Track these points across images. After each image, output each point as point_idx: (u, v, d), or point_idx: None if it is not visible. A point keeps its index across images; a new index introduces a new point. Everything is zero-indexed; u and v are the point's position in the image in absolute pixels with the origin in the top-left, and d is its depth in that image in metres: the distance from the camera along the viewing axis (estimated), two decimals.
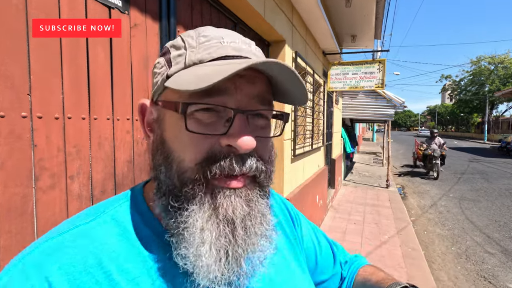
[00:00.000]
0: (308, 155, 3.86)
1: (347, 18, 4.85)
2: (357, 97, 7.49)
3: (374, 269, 0.64)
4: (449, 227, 4.87)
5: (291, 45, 2.91)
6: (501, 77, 31.43)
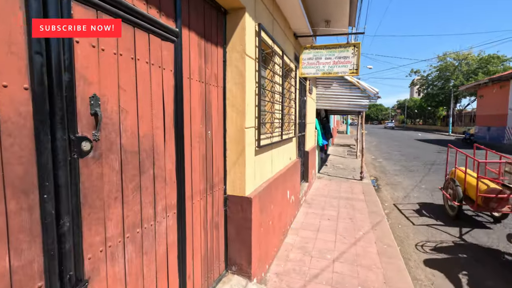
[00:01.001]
0: (277, 146, 3.46)
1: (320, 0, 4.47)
2: (331, 87, 7.22)
3: None
4: (422, 220, 4.73)
5: (254, 16, 2.46)
6: (464, 72, 33.10)
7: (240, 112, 2.35)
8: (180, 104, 1.71)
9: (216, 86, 2.24)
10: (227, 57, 2.34)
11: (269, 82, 3.12)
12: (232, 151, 2.39)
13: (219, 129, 2.29)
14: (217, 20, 2.19)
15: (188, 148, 1.84)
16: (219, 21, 2.22)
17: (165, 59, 1.57)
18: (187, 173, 1.83)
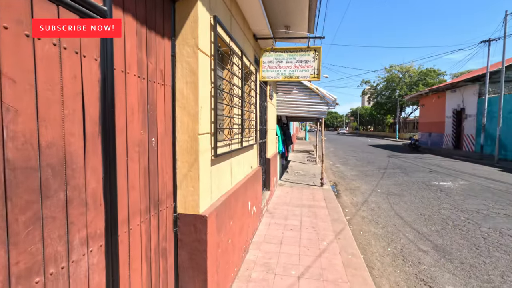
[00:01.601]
0: (237, 154, 3.17)
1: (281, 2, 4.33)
2: (291, 93, 7.17)
3: None
4: (382, 224, 4.78)
5: (208, 7, 2.16)
6: (407, 84, 36.38)
7: (192, 116, 2.01)
8: (110, 104, 1.33)
9: (163, 84, 1.88)
10: (177, 51, 2.00)
11: (228, 84, 2.83)
12: (183, 161, 2.04)
13: (166, 135, 1.93)
14: (163, 7, 1.84)
15: (122, 161, 1.46)
16: (166, 9, 1.88)
17: (85, 43, 1.19)
18: (121, 192, 1.44)
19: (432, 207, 5.65)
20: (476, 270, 3.24)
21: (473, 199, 6.22)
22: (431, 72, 34.70)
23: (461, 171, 10.08)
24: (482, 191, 6.91)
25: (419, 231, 4.42)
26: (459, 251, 3.71)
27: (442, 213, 5.25)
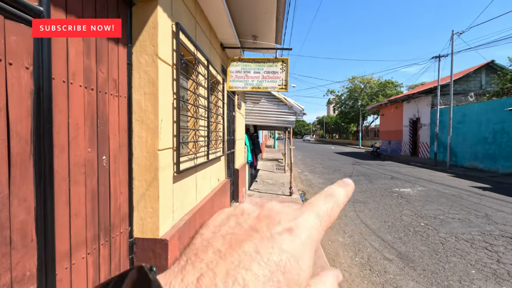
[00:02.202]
0: (203, 168, 3.01)
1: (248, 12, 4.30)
2: (260, 102, 7.16)
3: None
4: (349, 233, 4.85)
5: (170, 13, 2.02)
6: (368, 94, 38.58)
7: (151, 130, 1.84)
8: (47, 119, 1.13)
9: (117, 95, 1.69)
10: (134, 60, 1.82)
11: (192, 95, 2.69)
12: (140, 180, 1.84)
13: (121, 153, 1.73)
14: (117, 10, 1.67)
15: (63, 185, 1.25)
16: (120, 12, 1.71)
17: (11, 48, 0.99)
18: (60, 222, 1.23)
19: (395, 214, 5.88)
20: (437, 276, 3.36)
21: (431, 204, 6.60)
22: (390, 83, 37.19)
23: (419, 177, 10.75)
24: (438, 197, 7.38)
25: (383, 239, 4.54)
26: (421, 257, 3.85)
27: (404, 220, 5.48)
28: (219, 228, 0.22)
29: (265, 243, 0.19)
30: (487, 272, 3.42)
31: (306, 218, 0.22)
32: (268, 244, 0.19)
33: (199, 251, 0.20)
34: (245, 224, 0.22)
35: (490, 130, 12.55)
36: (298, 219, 0.22)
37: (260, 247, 0.19)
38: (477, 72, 18.22)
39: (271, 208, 0.23)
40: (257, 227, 0.21)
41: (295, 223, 0.21)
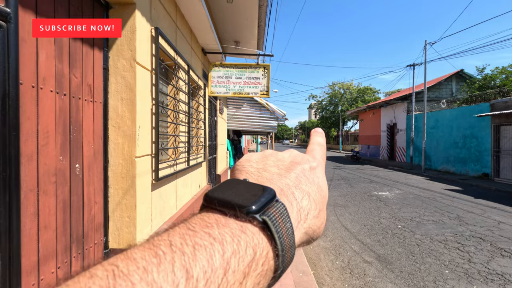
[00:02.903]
0: (184, 174, 2.95)
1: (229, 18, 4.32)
2: (242, 107, 7.17)
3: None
4: (330, 237, 4.91)
5: (149, 17, 1.99)
6: (348, 100, 39.68)
7: (129, 136, 1.79)
8: (13, 126, 1.07)
9: (92, 101, 1.63)
10: (111, 64, 1.77)
11: (173, 100, 2.64)
12: (116, 188, 1.78)
13: (96, 160, 1.66)
14: (92, 13, 1.62)
15: (31, 196, 1.18)
16: (96, 15, 1.66)
17: None
18: (27, 235, 1.16)
19: (374, 217, 6.03)
20: (414, 277, 3.47)
21: (407, 207, 6.83)
22: (368, 90, 38.47)
23: (396, 181, 11.12)
24: (414, 200, 7.66)
25: (363, 242, 4.64)
26: (399, 259, 3.96)
27: (382, 223, 5.63)
28: (264, 162, 0.30)
29: (307, 172, 0.30)
30: (459, 272, 3.57)
31: (318, 159, 0.33)
32: (310, 173, 0.30)
33: (263, 171, 0.29)
34: (285, 161, 0.31)
35: (461, 135, 13.24)
36: (316, 161, 0.32)
37: (305, 173, 0.30)
38: (448, 80, 19.24)
39: (295, 153, 0.33)
40: (296, 162, 0.31)
41: (316, 163, 0.32)
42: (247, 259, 0.19)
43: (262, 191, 0.23)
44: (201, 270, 0.17)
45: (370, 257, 4.08)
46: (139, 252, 0.17)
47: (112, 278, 0.15)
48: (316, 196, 0.28)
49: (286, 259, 0.22)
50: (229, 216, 0.21)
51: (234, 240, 0.19)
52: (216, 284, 0.17)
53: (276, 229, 0.22)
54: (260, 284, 0.20)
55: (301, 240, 0.26)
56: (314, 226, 0.27)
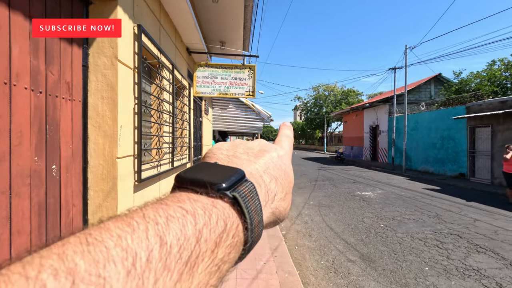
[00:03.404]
0: (167, 176, 2.89)
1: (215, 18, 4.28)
2: (228, 108, 7.14)
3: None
4: (315, 237, 4.96)
5: (132, 14, 1.94)
6: (332, 102, 40.40)
7: (110, 137, 1.73)
8: None
9: (70, 99, 1.56)
10: (91, 61, 1.71)
11: (156, 100, 2.59)
12: (96, 190, 1.72)
13: (74, 161, 1.60)
14: (71, 8, 1.55)
15: (2, 199, 1.11)
16: (75, 10, 1.59)
17: None
18: None
19: (357, 217, 6.15)
20: (396, 275, 3.55)
21: (389, 206, 7.01)
22: (352, 92, 39.31)
23: (378, 181, 11.39)
24: (396, 199, 7.87)
25: (347, 241, 4.71)
26: (381, 258, 4.05)
27: (365, 222, 5.75)
28: (234, 150, 0.32)
29: (275, 159, 0.32)
30: (438, 268, 3.69)
31: (285, 148, 0.36)
32: (278, 160, 0.32)
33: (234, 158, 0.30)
34: (255, 149, 0.33)
35: (439, 137, 13.75)
36: (283, 150, 0.35)
37: (273, 160, 0.32)
38: (427, 84, 19.97)
39: (263, 142, 0.35)
40: (264, 150, 0.33)
41: (283, 152, 0.35)
42: (218, 230, 0.20)
43: (232, 171, 0.25)
44: (174, 237, 0.18)
45: (354, 256, 4.14)
46: (113, 223, 0.17)
47: (86, 244, 0.15)
48: (283, 181, 0.31)
49: (255, 233, 0.24)
50: (200, 193, 0.22)
51: (205, 213, 0.20)
52: (189, 250, 0.18)
53: (246, 205, 0.23)
54: (231, 254, 0.21)
55: (269, 219, 0.28)
56: (280, 207, 0.30)
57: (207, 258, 0.19)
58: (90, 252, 0.15)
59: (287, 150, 0.36)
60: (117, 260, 0.15)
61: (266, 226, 0.29)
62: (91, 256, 0.15)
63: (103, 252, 0.15)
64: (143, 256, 0.16)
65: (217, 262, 0.20)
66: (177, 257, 0.17)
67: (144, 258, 0.16)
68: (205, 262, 0.19)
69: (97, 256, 0.15)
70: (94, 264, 0.14)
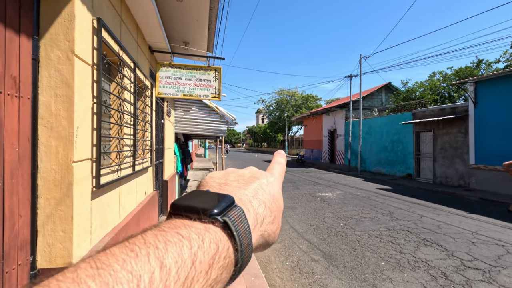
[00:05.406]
0: (129, 180, 2.72)
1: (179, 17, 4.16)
2: (191, 110, 6.96)
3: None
4: (280, 239, 5.03)
5: (90, 6, 1.79)
6: (293, 106, 41.69)
7: (64, 138, 1.57)
8: None
9: (17, 96, 1.39)
10: (42, 55, 1.54)
11: (117, 99, 2.42)
12: (48, 198, 1.54)
13: (21, 166, 1.41)
14: (21, 5, 1.39)
15: None
16: (26, 8, 1.42)
17: None
18: None
19: (319, 217, 6.38)
20: (356, 271, 3.74)
21: (348, 206, 7.40)
22: (311, 97, 40.99)
23: (337, 182, 11.98)
24: (353, 199, 8.34)
25: (310, 241, 4.86)
26: (342, 256, 4.25)
27: (326, 222, 5.99)
28: (226, 178, 0.34)
29: (264, 185, 0.34)
30: (393, 262, 3.98)
31: (276, 175, 0.38)
32: (267, 186, 0.34)
33: (225, 185, 0.32)
34: (245, 176, 0.35)
35: (389, 140, 14.92)
36: (273, 177, 0.37)
37: (262, 186, 0.33)
38: (379, 91, 21.60)
39: (254, 170, 0.37)
40: (255, 177, 0.35)
41: (273, 178, 0.37)
42: (211, 252, 0.22)
43: (222, 197, 0.27)
44: (172, 260, 0.20)
45: (317, 256, 4.29)
46: (117, 248, 0.19)
47: (96, 268, 0.17)
48: (272, 205, 0.33)
49: (245, 254, 0.26)
50: (194, 219, 0.24)
51: (199, 237, 0.22)
52: (186, 272, 0.20)
53: (235, 228, 0.25)
54: (223, 275, 0.23)
55: (258, 242, 0.30)
56: (269, 230, 0.32)
57: (202, 278, 0.21)
58: (101, 275, 0.17)
59: (277, 177, 0.38)
60: (124, 282, 0.17)
61: (257, 249, 0.31)
62: (102, 278, 0.16)
63: (111, 275, 0.17)
64: (146, 278, 0.18)
65: (210, 282, 0.22)
66: (176, 278, 0.19)
67: (147, 279, 0.18)
68: (200, 282, 0.21)
69: (106, 278, 0.17)
70: (104, 285, 0.16)
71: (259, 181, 0.34)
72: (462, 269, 3.76)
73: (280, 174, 0.40)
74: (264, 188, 0.33)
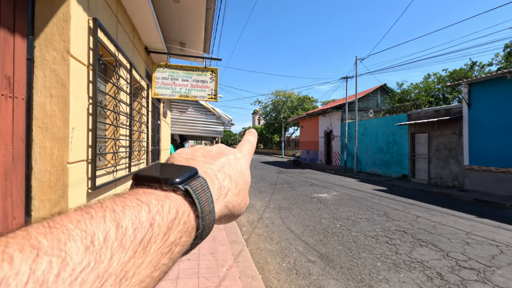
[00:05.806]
0: (124, 182, 2.70)
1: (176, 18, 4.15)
2: (187, 111, 6.94)
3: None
4: (276, 240, 5.03)
5: (86, 6, 1.77)
6: (290, 107, 41.79)
7: (59, 139, 1.55)
8: None
9: (12, 96, 1.37)
10: (37, 55, 1.52)
11: (112, 100, 2.40)
12: (42, 200, 1.52)
13: (15, 167, 1.40)
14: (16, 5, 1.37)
15: None
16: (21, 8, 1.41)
17: None
18: None
19: (315, 218, 6.39)
20: (352, 272, 3.75)
21: (344, 207, 7.42)
22: (307, 99, 41.12)
23: (333, 183, 12.02)
24: (349, 200, 8.37)
25: (307, 243, 4.86)
26: (339, 256, 4.25)
27: (323, 223, 6.00)
28: (193, 154, 0.34)
29: (232, 160, 0.35)
30: (389, 263, 3.99)
31: (244, 152, 0.39)
32: (235, 161, 0.35)
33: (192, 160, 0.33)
34: (213, 152, 0.36)
35: (385, 141, 15.03)
36: (241, 153, 0.38)
37: (229, 161, 0.35)
38: (375, 93, 21.75)
39: (222, 147, 0.38)
40: (222, 153, 0.36)
41: (241, 154, 0.38)
42: (170, 217, 0.23)
43: (186, 168, 0.28)
44: (129, 222, 0.20)
45: (314, 257, 4.29)
46: (72, 212, 0.19)
47: (48, 227, 0.17)
48: (238, 179, 0.34)
49: (206, 221, 0.26)
50: (155, 188, 0.25)
51: (159, 203, 0.23)
52: (143, 233, 0.21)
53: (196, 196, 0.26)
54: (182, 238, 0.24)
55: (222, 212, 0.31)
56: (234, 202, 0.33)
57: (159, 240, 0.22)
58: (53, 233, 0.17)
59: (245, 153, 0.40)
60: (77, 239, 0.17)
61: (222, 219, 0.33)
62: (53, 235, 0.17)
63: (64, 232, 0.17)
64: (101, 236, 0.18)
65: (168, 244, 0.23)
66: (132, 237, 0.20)
67: (101, 237, 0.18)
68: (158, 244, 0.22)
69: (58, 235, 0.17)
70: (56, 241, 0.16)
71: (226, 156, 0.35)
72: (457, 269, 3.79)
73: (249, 151, 0.41)
74: (231, 163, 0.35)
